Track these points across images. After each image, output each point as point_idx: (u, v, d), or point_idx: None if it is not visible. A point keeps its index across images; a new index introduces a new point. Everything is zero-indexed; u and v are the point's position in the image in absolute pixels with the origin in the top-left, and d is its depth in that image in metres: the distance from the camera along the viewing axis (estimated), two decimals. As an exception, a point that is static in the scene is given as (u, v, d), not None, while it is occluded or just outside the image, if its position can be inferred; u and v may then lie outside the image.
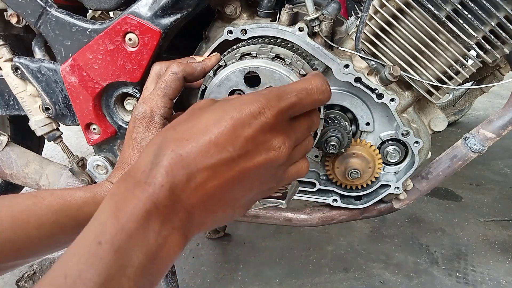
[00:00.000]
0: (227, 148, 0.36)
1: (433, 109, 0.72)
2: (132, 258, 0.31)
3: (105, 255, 0.30)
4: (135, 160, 0.53)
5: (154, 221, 0.33)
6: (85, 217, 0.49)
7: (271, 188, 0.44)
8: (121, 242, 0.31)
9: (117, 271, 0.30)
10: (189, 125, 0.38)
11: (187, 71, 0.56)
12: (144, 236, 0.32)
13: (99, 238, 0.31)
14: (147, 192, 0.34)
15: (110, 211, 0.33)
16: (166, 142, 0.37)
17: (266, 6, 0.67)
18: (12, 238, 0.44)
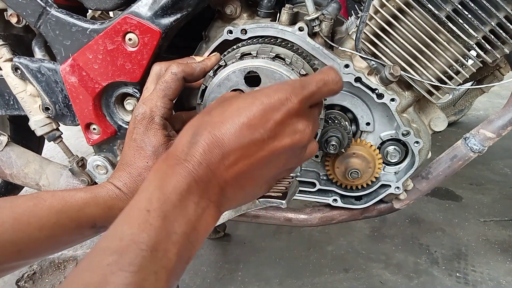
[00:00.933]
0: (258, 130, 0.40)
1: (433, 109, 0.72)
2: (176, 226, 0.35)
3: (154, 221, 0.34)
4: (135, 161, 0.53)
5: (194, 194, 0.38)
6: (86, 218, 0.49)
7: (291, 169, 0.48)
8: (167, 211, 0.35)
9: (165, 236, 0.34)
10: (223, 109, 0.42)
11: (186, 72, 0.56)
12: (186, 207, 0.37)
13: (148, 207, 0.35)
14: (187, 168, 0.38)
15: (155, 185, 0.37)
16: (203, 124, 0.41)
17: (266, 6, 0.67)
18: (13, 239, 0.45)
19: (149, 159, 0.53)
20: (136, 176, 0.53)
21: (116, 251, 0.32)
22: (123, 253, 0.32)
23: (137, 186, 0.53)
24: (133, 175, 0.53)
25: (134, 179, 0.53)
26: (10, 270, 0.48)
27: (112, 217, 0.51)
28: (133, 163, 0.53)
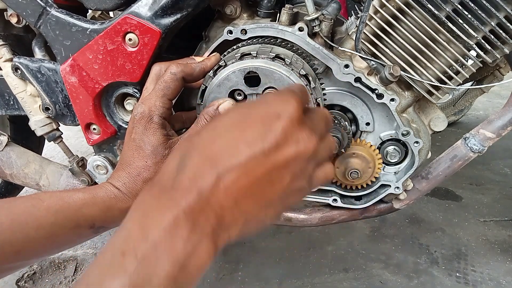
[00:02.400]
0: (256, 143, 0.35)
1: (433, 109, 0.72)
2: (158, 268, 0.30)
3: (129, 265, 0.29)
4: (134, 160, 0.53)
5: (182, 228, 0.32)
6: (84, 218, 0.49)
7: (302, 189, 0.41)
8: (146, 251, 0.30)
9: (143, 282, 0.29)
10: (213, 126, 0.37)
11: (186, 72, 0.56)
12: (171, 245, 0.31)
13: (122, 248, 0.30)
14: (174, 198, 0.33)
15: (135, 220, 0.32)
16: (191, 145, 0.36)
17: (266, 6, 0.67)
18: (11, 239, 0.45)
19: (148, 158, 0.53)
20: (135, 176, 0.53)
21: None
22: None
23: (136, 186, 0.53)
24: (132, 175, 0.53)
25: (133, 179, 0.53)
26: (10, 271, 0.48)
27: (110, 217, 0.52)
28: (132, 162, 0.53)
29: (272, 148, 0.35)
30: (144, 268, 0.29)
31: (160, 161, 0.53)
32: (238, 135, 0.35)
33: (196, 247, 0.32)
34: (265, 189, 0.36)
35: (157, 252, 0.30)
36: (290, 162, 0.37)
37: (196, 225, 0.32)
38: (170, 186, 0.34)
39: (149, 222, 0.32)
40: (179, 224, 0.32)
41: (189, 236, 0.32)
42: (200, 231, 0.33)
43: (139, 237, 0.31)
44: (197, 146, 0.36)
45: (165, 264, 0.30)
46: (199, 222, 0.33)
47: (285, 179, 0.37)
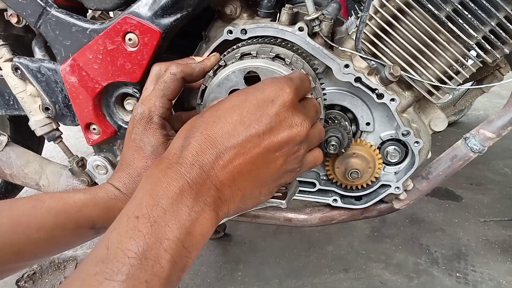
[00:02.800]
0: (252, 125, 0.39)
1: (433, 109, 0.72)
2: (167, 231, 0.33)
3: (143, 227, 0.32)
4: (135, 161, 0.53)
5: (187, 198, 0.36)
6: (85, 219, 0.49)
7: (293, 170, 0.45)
8: (157, 216, 0.33)
9: (155, 242, 0.32)
10: (216, 108, 0.41)
11: (186, 72, 0.56)
12: (178, 211, 0.35)
13: (136, 213, 0.34)
14: (179, 171, 0.37)
15: (145, 190, 0.36)
16: (195, 126, 0.40)
17: (266, 6, 0.67)
18: (12, 240, 0.45)
19: (148, 159, 0.53)
20: (135, 176, 0.53)
21: (102, 260, 0.31)
22: (109, 261, 0.30)
23: (136, 186, 0.53)
24: (133, 175, 0.53)
25: (133, 179, 0.53)
26: (10, 271, 0.48)
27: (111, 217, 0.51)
28: (132, 163, 0.53)
29: (267, 131, 0.40)
30: (156, 230, 0.33)
31: None
32: (236, 118, 0.39)
33: (200, 215, 0.36)
34: (260, 168, 0.41)
35: (166, 217, 0.34)
36: (283, 145, 0.41)
37: (199, 196, 0.37)
38: (175, 161, 0.38)
39: (159, 192, 0.35)
40: (184, 194, 0.36)
41: (193, 204, 0.36)
42: (202, 201, 0.37)
43: (150, 204, 0.34)
44: (199, 127, 0.40)
45: (174, 228, 0.34)
46: (202, 193, 0.37)
47: (279, 161, 0.41)
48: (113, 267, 0.30)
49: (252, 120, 0.39)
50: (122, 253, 0.31)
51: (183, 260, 0.34)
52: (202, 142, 0.38)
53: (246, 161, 0.39)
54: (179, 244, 0.34)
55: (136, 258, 0.31)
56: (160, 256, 0.32)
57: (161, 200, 0.35)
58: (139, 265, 0.31)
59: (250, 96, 0.41)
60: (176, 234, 0.34)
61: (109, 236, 0.33)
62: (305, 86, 0.47)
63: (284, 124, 0.41)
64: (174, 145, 0.40)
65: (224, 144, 0.38)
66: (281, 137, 0.40)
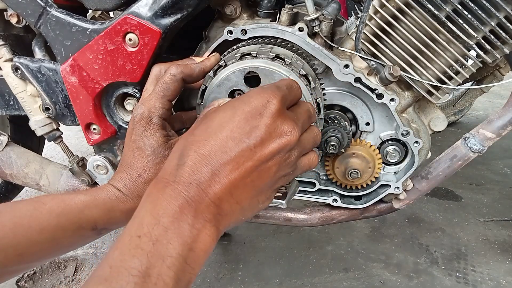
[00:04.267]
0: (243, 140, 0.40)
1: (433, 109, 0.72)
2: (170, 248, 0.34)
3: (145, 246, 0.33)
4: (135, 162, 0.53)
5: (187, 215, 0.36)
6: (86, 220, 0.49)
7: (288, 175, 0.46)
8: (158, 235, 0.34)
9: (157, 260, 0.33)
10: (206, 126, 0.42)
11: (186, 73, 0.56)
12: (179, 229, 0.35)
13: (138, 232, 0.34)
14: (177, 189, 0.38)
15: (146, 210, 0.37)
16: (188, 145, 0.41)
17: (266, 6, 0.67)
18: (14, 243, 0.45)
19: (148, 159, 0.53)
20: (136, 177, 0.53)
21: (106, 278, 0.31)
22: (112, 279, 0.31)
23: (137, 187, 0.53)
24: (133, 176, 0.53)
25: (134, 180, 0.53)
26: (12, 274, 0.48)
27: (112, 218, 0.52)
28: (133, 164, 0.53)
29: (258, 144, 0.40)
30: (158, 248, 0.33)
31: (160, 161, 0.53)
32: (227, 134, 0.40)
33: (201, 231, 0.37)
34: (255, 180, 0.42)
35: (168, 235, 0.34)
36: (274, 154, 0.42)
37: (198, 213, 0.37)
38: (172, 180, 0.38)
39: (159, 210, 0.36)
40: (184, 212, 0.36)
41: (194, 222, 0.36)
42: (202, 218, 0.37)
43: (152, 223, 0.35)
44: (192, 146, 0.40)
45: (176, 245, 0.34)
46: (201, 210, 0.38)
47: (272, 169, 0.42)
48: (117, 285, 0.30)
49: (242, 135, 0.40)
50: (126, 271, 0.31)
51: (186, 276, 0.35)
52: (196, 160, 0.39)
53: (241, 174, 0.40)
54: (182, 261, 0.34)
55: (139, 276, 0.31)
56: (163, 273, 0.32)
57: (162, 218, 0.35)
58: (142, 283, 0.31)
59: (238, 110, 0.41)
60: (178, 251, 0.34)
61: (112, 255, 0.33)
62: (293, 93, 0.47)
63: (274, 134, 0.41)
64: (170, 164, 0.41)
65: (218, 160, 0.39)
66: (272, 148, 0.41)
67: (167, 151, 0.53)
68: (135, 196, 0.53)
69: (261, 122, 0.41)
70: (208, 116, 0.44)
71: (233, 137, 0.40)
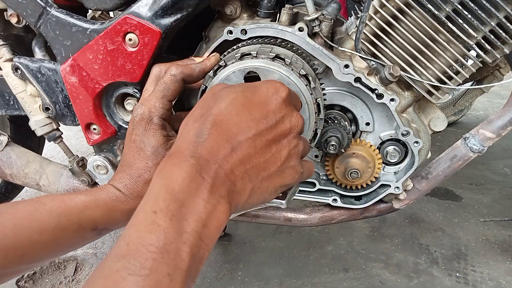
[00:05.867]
0: (261, 121, 0.43)
1: (433, 109, 0.72)
2: (185, 224, 0.34)
3: (161, 222, 0.33)
4: (135, 162, 0.53)
5: (202, 191, 0.37)
6: (87, 221, 0.49)
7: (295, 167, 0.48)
8: (174, 210, 0.34)
9: (174, 236, 0.33)
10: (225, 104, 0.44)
11: (186, 73, 0.56)
12: (195, 205, 0.36)
13: (154, 208, 0.34)
14: (194, 165, 0.38)
15: (160, 185, 0.36)
16: (207, 122, 0.42)
17: (266, 6, 0.67)
18: (14, 243, 0.45)
19: (149, 159, 0.53)
20: (136, 177, 0.53)
21: (124, 255, 0.31)
22: (131, 257, 0.31)
23: (137, 187, 0.53)
24: (134, 176, 0.53)
25: (134, 180, 0.53)
26: (13, 274, 0.48)
27: (113, 219, 0.52)
28: (133, 164, 0.53)
29: (273, 125, 0.44)
30: (175, 224, 0.33)
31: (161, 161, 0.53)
32: (247, 115, 0.43)
33: (215, 207, 0.37)
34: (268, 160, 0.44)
35: (183, 211, 0.35)
36: (286, 134, 0.46)
37: (214, 189, 0.38)
38: (189, 155, 0.39)
39: (175, 186, 0.36)
40: (199, 188, 0.37)
41: (209, 197, 0.37)
42: (217, 194, 0.38)
43: (167, 198, 0.35)
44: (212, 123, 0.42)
45: (191, 221, 0.35)
46: (217, 186, 0.38)
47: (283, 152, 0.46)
48: (136, 262, 0.30)
49: (261, 116, 0.44)
50: (144, 247, 0.31)
51: (200, 252, 0.35)
52: (218, 138, 0.40)
53: (256, 152, 0.42)
54: (197, 236, 0.34)
55: (157, 252, 0.31)
56: (180, 249, 0.33)
57: (178, 194, 0.35)
58: (161, 258, 0.31)
59: (257, 94, 0.45)
60: (193, 227, 0.34)
61: (128, 233, 0.33)
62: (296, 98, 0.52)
63: (285, 117, 0.46)
64: (185, 139, 0.41)
65: (238, 138, 0.41)
66: (284, 128, 0.45)
67: (167, 151, 0.53)
68: (135, 196, 0.53)
69: (276, 107, 0.45)
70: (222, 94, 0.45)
71: (253, 118, 0.43)
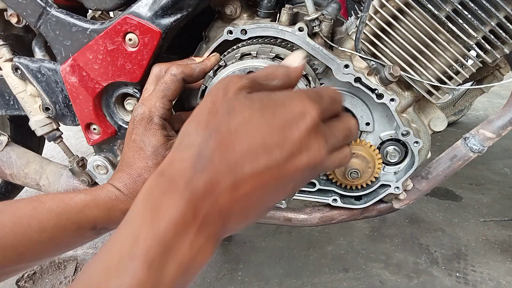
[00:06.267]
0: (275, 151, 0.34)
1: (433, 109, 0.72)
2: (165, 273, 0.29)
3: (138, 270, 0.28)
4: (135, 161, 0.53)
5: (191, 231, 0.31)
6: (86, 220, 0.49)
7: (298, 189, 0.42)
8: (156, 255, 0.29)
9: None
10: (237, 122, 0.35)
11: (186, 73, 0.56)
12: (179, 248, 0.30)
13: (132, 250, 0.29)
14: (187, 200, 0.31)
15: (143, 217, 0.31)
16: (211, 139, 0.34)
17: (266, 6, 0.67)
18: (13, 242, 0.45)
19: (149, 159, 0.53)
20: (136, 177, 0.53)
21: None
22: None
23: (137, 186, 0.53)
24: (133, 176, 0.53)
25: (134, 179, 0.53)
26: (12, 273, 0.48)
27: (112, 218, 0.52)
28: (133, 163, 0.53)
29: (287, 157, 0.35)
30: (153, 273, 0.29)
31: (161, 161, 0.53)
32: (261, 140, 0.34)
33: (201, 249, 0.32)
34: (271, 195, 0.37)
35: (166, 256, 0.30)
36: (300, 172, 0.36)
37: (203, 227, 0.32)
38: (183, 184, 0.32)
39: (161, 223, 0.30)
40: (188, 227, 0.31)
41: (195, 239, 0.31)
42: (206, 234, 0.32)
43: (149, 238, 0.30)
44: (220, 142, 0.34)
45: (172, 268, 0.30)
46: (207, 224, 0.32)
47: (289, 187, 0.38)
48: None
49: (275, 145, 0.34)
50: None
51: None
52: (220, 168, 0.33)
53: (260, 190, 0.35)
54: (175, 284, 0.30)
55: None
56: None
57: (163, 235, 0.30)
58: None
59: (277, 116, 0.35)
60: (173, 275, 0.30)
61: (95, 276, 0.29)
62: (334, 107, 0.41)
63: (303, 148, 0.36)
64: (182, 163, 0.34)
65: (243, 171, 0.33)
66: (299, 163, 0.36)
67: (167, 151, 0.53)
68: (134, 196, 0.52)
69: (296, 134, 0.35)
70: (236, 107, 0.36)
71: (265, 146, 0.34)
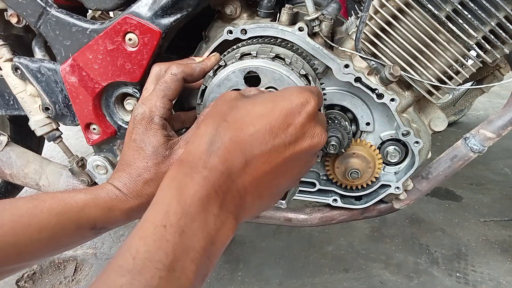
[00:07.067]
0: (280, 135, 0.40)
1: (433, 109, 0.72)
2: (194, 241, 0.33)
3: (171, 237, 0.32)
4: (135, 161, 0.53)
5: (213, 206, 0.35)
6: (86, 219, 0.49)
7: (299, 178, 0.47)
8: (185, 226, 0.33)
9: (182, 253, 0.32)
10: (241, 114, 0.41)
11: (186, 72, 0.56)
12: (205, 220, 0.34)
13: (164, 222, 0.33)
14: (207, 178, 0.36)
15: (171, 196, 0.35)
16: (221, 131, 0.39)
17: (266, 6, 0.67)
18: (13, 241, 0.44)
19: (148, 159, 0.53)
20: (136, 176, 0.53)
21: (129, 270, 0.30)
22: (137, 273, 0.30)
23: (137, 186, 0.53)
24: (133, 175, 0.53)
25: (133, 179, 0.53)
26: (11, 272, 0.48)
27: (112, 218, 0.52)
28: (132, 163, 0.53)
29: (292, 141, 0.41)
30: (184, 240, 0.32)
31: (161, 161, 0.53)
32: (265, 126, 0.40)
33: (224, 223, 0.36)
34: (280, 176, 0.42)
35: (194, 226, 0.33)
36: (304, 154, 0.42)
37: (224, 203, 0.36)
38: (202, 166, 0.37)
39: (187, 199, 0.34)
40: (211, 202, 0.35)
41: (219, 213, 0.35)
42: (227, 209, 0.36)
43: (178, 212, 0.33)
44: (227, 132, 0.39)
45: (200, 238, 0.33)
46: (227, 201, 0.37)
47: (296, 169, 0.43)
48: (141, 278, 0.29)
49: (280, 130, 0.40)
50: (151, 264, 0.30)
51: (205, 270, 0.34)
52: (231, 148, 0.38)
53: (271, 169, 0.40)
54: (204, 254, 0.33)
55: (164, 270, 0.30)
56: (186, 267, 0.32)
57: (190, 208, 0.34)
58: (167, 277, 0.30)
59: (278, 105, 0.41)
60: (202, 244, 0.33)
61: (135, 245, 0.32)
62: (321, 100, 0.48)
63: (307, 134, 0.42)
64: (198, 148, 0.39)
65: (253, 151, 0.39)
66: (304, 147, 0.42)
67: (167, 151, 0.53)
68: (134, 196, 0.53)
69: (299, 120, 0.41)
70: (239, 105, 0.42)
71: (271, 131, 0.40)
